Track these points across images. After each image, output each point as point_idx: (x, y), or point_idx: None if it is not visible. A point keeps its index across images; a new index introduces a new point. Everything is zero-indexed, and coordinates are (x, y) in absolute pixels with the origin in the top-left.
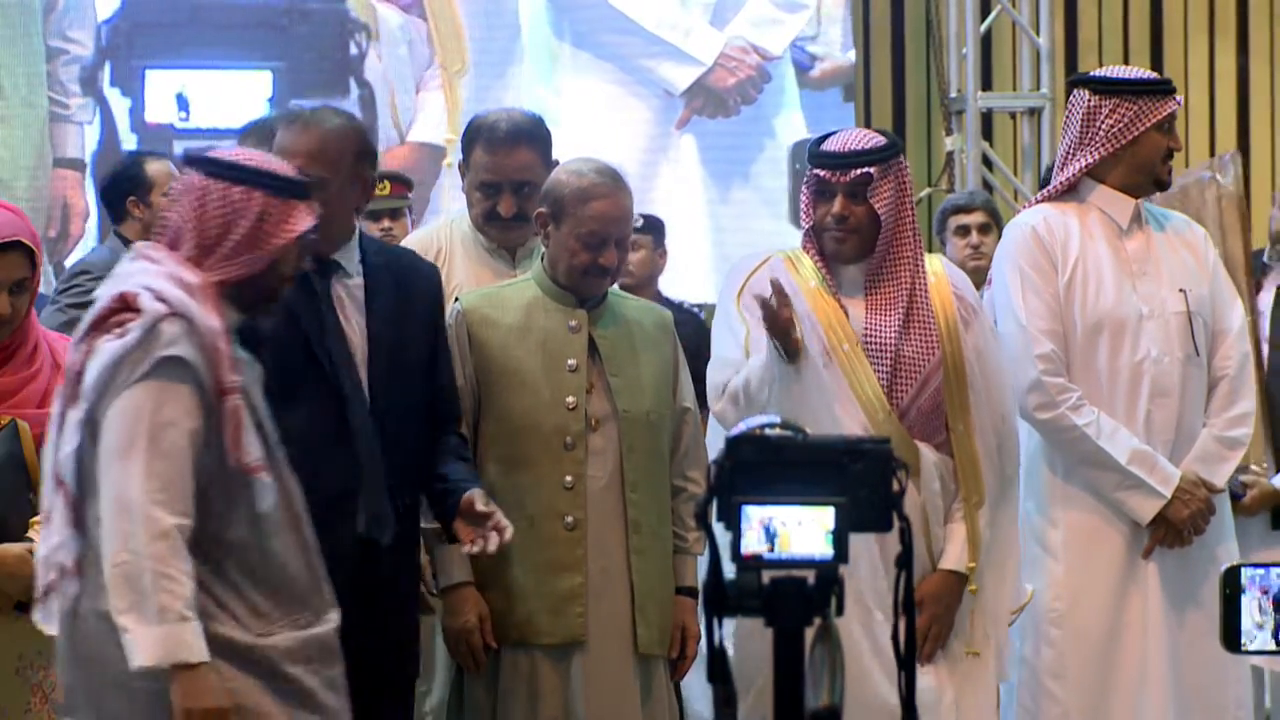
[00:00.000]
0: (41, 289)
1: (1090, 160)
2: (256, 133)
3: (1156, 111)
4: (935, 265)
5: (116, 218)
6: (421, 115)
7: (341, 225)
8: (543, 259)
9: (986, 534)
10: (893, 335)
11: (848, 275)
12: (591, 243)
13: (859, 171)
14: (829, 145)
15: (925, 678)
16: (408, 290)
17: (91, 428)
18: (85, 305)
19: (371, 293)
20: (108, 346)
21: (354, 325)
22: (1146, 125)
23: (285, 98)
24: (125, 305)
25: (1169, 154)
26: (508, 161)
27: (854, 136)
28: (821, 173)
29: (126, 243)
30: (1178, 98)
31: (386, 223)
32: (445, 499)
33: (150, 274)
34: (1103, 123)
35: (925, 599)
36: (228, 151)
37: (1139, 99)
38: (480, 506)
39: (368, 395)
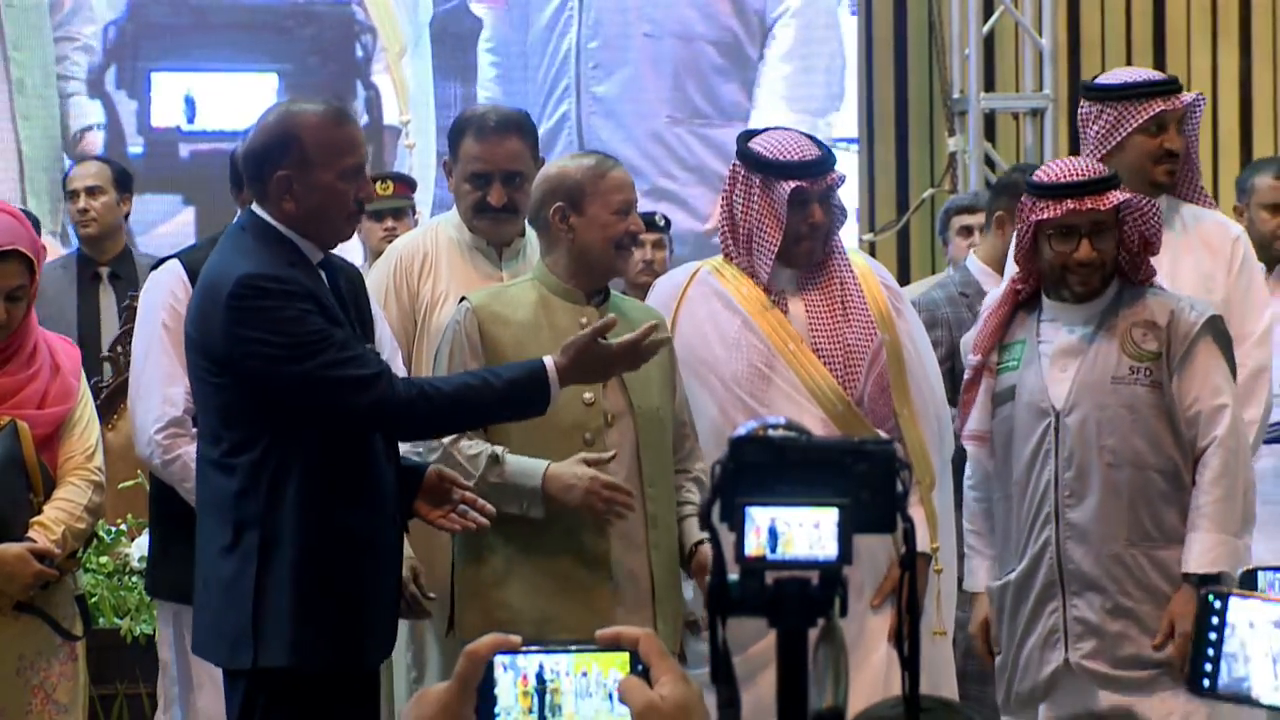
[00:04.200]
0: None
1: None
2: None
3: (1138, 114)
4: (857, 259)
5: None
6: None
7: None
8: (543, 259)
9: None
10: (838, 326)
11: (780, 278)
12: (623, 209)
13: (834, 175)
14: (793, 155)
15: (894, 662)
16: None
17: None
18: None
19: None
20: None
21: None
22: (1130, 129)
23: None
24: None
25: (1163, 155)
26: (498, 150)
27: (799, 139)
28: (803, 183)
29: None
30: (1176, 98)
31: (390, 223)
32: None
33: None
34: (1090, 129)
35: (894, 585)
36: None
37: (1119, 103)
38: (459, 478)
39: None
